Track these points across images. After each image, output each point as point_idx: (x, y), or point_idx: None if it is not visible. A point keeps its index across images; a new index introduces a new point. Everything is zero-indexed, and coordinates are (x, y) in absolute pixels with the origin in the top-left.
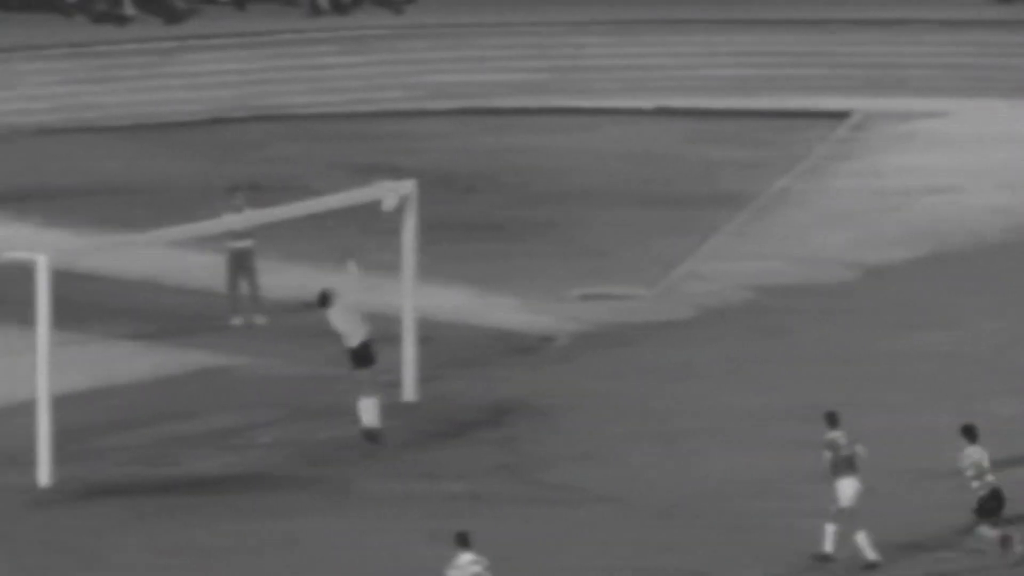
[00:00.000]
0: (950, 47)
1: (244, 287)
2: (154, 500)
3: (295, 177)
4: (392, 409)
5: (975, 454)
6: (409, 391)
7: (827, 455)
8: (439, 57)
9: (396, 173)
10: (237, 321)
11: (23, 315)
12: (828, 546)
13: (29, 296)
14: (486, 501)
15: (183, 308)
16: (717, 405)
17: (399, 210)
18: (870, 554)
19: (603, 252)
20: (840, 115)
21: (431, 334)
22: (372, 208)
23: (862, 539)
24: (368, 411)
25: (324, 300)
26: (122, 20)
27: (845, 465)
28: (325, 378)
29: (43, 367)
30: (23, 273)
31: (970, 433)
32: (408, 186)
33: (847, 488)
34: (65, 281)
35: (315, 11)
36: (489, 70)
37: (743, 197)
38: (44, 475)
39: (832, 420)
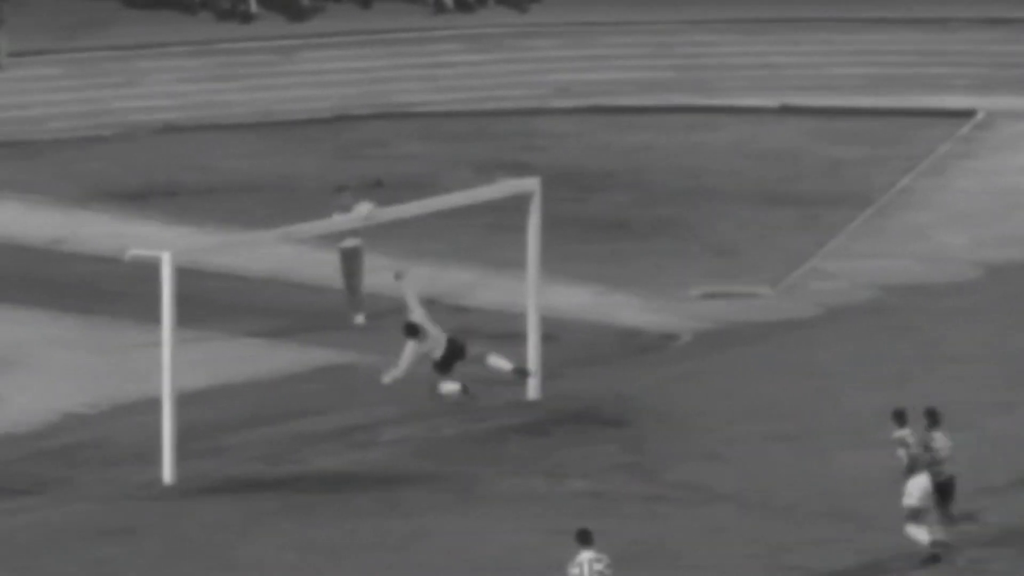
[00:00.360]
0: None
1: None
2: (277, 498)
3: (419, 175)
4: (515, 407)
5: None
6: (532, 389)
7: (901, 453)
8: (563, 55)
9: (520, 171)
10: (359, 319)
11: (147, 313)
12: (924, 536)
13: (153, 294)
14: (608, 499)
15: (307, 306)
16: (842, 404)
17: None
18: (924, 537)
19: (726, 250)
20: (963, 114)
21: (554, 332)
22: (495, 206)
23: (921, 533)
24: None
25: (411, 331)
26: (246, 18)
27: (917, 463)
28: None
29: (167, 364)
30: (147, 271)
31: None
32: (532, 184)
33: (916, 486)
34: (188, 279)
35: (439, 9)
36: (613, 68)
37: (866, 195)
38: (168, 472)
39: (900, 418)
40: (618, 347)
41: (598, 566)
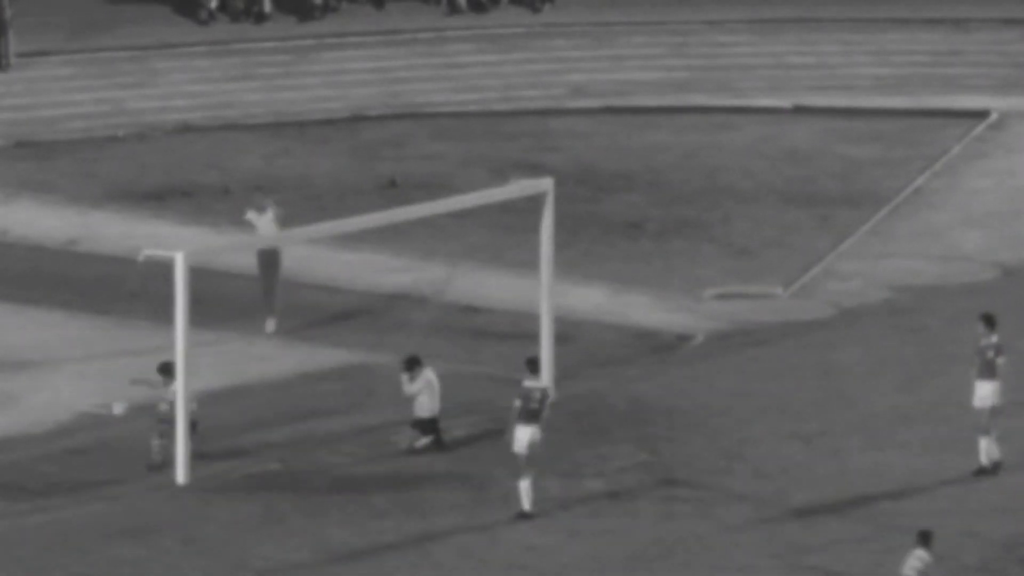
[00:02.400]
0: None
1: (270, 288)
2: (292, 498)
3: (433, 175)
4: None
5: None
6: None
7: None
8: (577, 56)
9: (534, 171)
10: (270, 327)
11: (161, 313)
12: (982, 458)
13: (168, 294)
14: (624, 499)
15: (322, 306)
16: (857, 404)
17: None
18: (983, 458)
19: (741, 251)
20: (978, 114)
21: (569, 333)
22: (509, 206)
23: (983, 443)
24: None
25: (411, 364)
26: (260, 18)
27: (985, 369)
28: (466, 376)
29: (181, 364)
30: (162, 271)
31: None
32: (545, 184)
33: (982, 390)
34: (203, 279)
35: (453, 9)
36: (628, 68)
37: (880, 196)
38: (182, 472)
39: (989, 322)
40: (632, 347)
41: (918, 564)
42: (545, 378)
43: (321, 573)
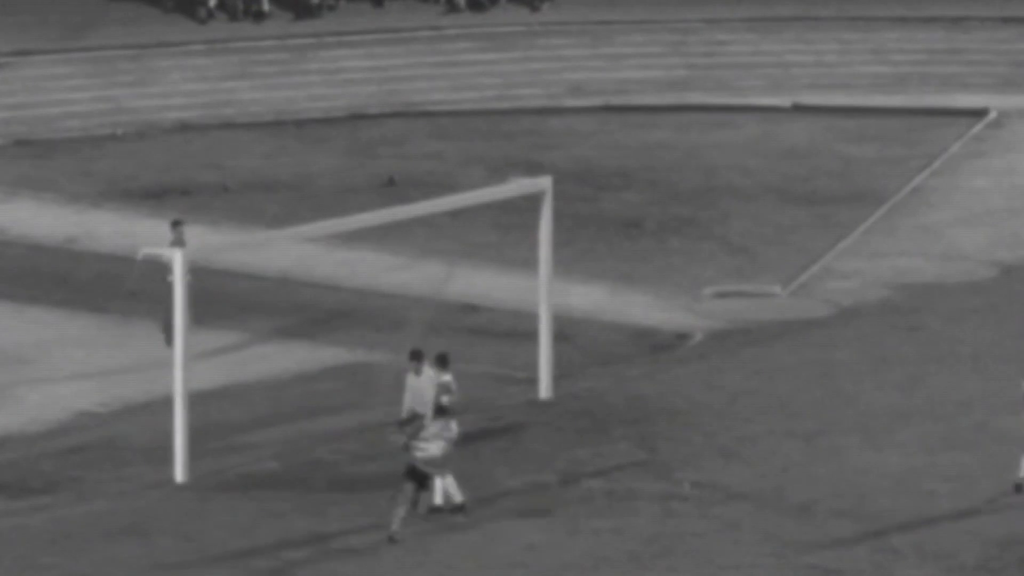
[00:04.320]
0: None
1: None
2: (290, 497)
3: (432, 173)
4: (528, 406)
5: None
6: (545, 388)
7: None
8: (576, 54)
9: (533, 170)
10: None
11: (161, 311)
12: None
13: (166, 292)
14: (623, 498)
15: (321, 304)
16: (856, 403)
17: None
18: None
19: (740, 249)
20: (976, 113)
21: (567, 332)
22: (508, 205)
23: None
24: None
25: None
26: (259, 16)
27: None
28: (465, 375)
29: (179, 363)
30: (161, 270)
31: None
32: (544, 183)
33: None
34: (202, 277)
35: (451, 8)
36: (627, 67)
37: (879, 194)
38: (180, 471)
39: None
40: (631, 346)
41: None
42: (544, 378)
43: (320, 572)
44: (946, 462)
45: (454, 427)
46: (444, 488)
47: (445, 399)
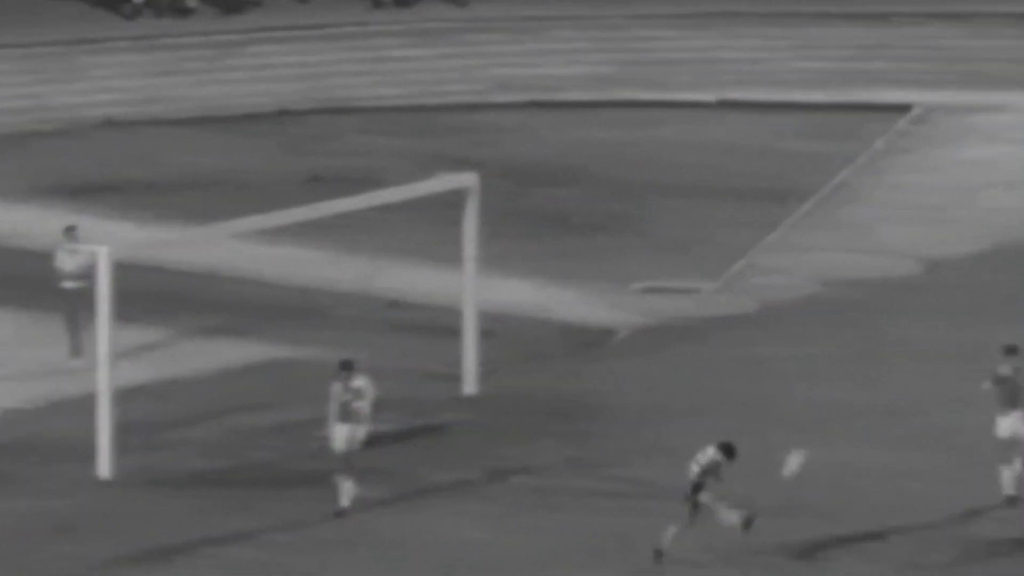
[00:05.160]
0: (1013, 40)
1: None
2: (217, 493)
3: (361, 169)
4: (454, 403)
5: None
6: (470, 385)
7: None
8: (504, 51)
9: (462, 166)
10: (78, 362)
11: (86, 308)
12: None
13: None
14: (550, 494)
15: (247, 301)
16: (783, 399)
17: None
18: (1009, 489)
19: (668, 246)
20: (901, 108)
21: (493, 328)
22: (435, 200)
23: (1006, 474)
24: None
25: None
26: (184, 12)
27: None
28: (390, 371)
29: (104, 359)
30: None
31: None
32: (470, 179)
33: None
34: (128, 274)
35: (378, 4)
36: (554, 63)
37: (805, 190)
38: (105, 467)
39: (1010, 351)
40: (558, 342)
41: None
42: (469, 374)
43: (246, 569)
44: (875, 457)
45: (361, 432)
46: (347, 490)
47: (359, 404)
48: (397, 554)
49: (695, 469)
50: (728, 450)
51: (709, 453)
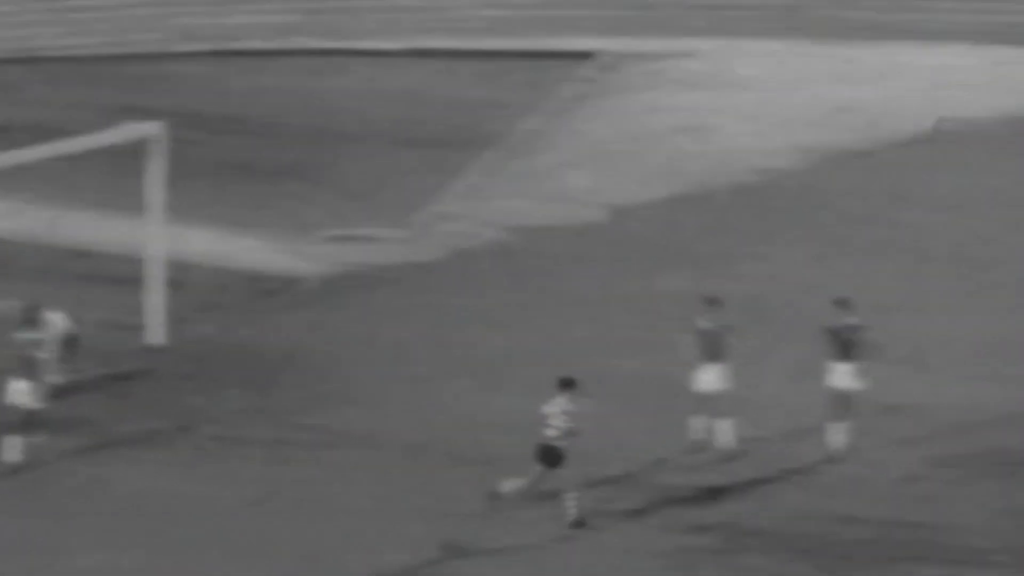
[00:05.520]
0: None
1: None
2: None
3: (46, 120)
4: (140, 353)
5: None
6: (157, 334)
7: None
8: (188, 0)
9: (147, 115)
10: None
11: None
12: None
13: None
14: (236, 443)
15: None
16: (467, 346)
17: None
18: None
19: (355, 193)
20: (586, 55)
21: (180, 277)
22: (120, 150)
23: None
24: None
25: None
26: None
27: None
28: (77, 321)
29: None
30: None
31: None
32: (154, 128)
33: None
34: None
35: None
36: (240, 12)
37: (492, 137)
38: None
39: (843, 304)
40: (244, 291)
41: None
42: (156, 324)
43: None
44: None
45: (45, 382)
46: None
47: (38, 354)
48: (73, 502)
49: (551, 432)
50: (568, 383)
51: (559, 403)
